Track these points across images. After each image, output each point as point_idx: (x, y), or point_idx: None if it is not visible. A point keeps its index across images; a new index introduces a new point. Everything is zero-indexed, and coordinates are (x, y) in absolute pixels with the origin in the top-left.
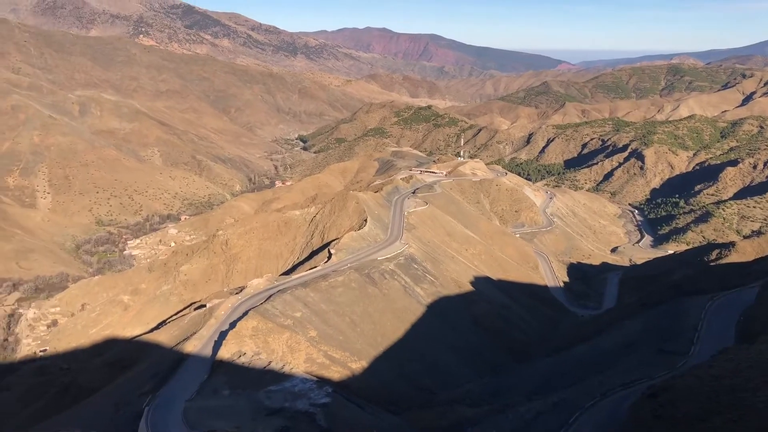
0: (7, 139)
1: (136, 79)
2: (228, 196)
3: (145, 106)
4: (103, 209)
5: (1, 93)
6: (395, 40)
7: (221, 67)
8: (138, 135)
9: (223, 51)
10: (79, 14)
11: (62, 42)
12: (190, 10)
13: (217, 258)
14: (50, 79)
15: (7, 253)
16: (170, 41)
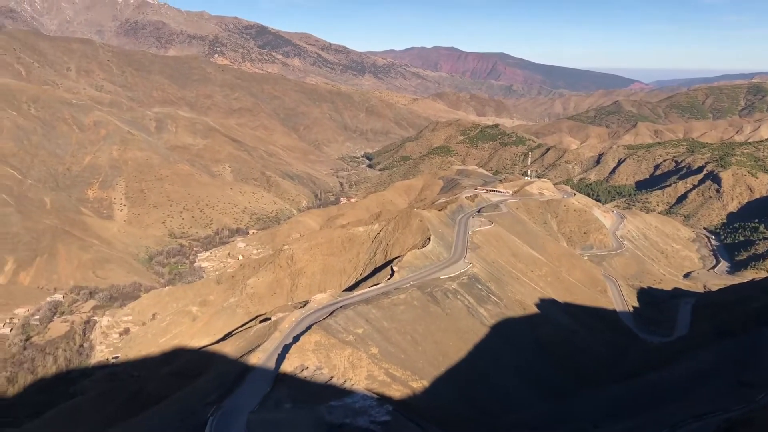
0: (89, 153)
1: (211, 96)
2: (295, 211)
3: (218, 123)
4: (175, 222)
5: (84, 109)
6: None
7: (291, 85)
8: (210, 151)
9: (293, 70)
10: (158, 35)
11: (142, 61)
12: (263, 31)
13: (283, 272)
14: (130, 97)
15: (86, 262)
16: (243, 61)
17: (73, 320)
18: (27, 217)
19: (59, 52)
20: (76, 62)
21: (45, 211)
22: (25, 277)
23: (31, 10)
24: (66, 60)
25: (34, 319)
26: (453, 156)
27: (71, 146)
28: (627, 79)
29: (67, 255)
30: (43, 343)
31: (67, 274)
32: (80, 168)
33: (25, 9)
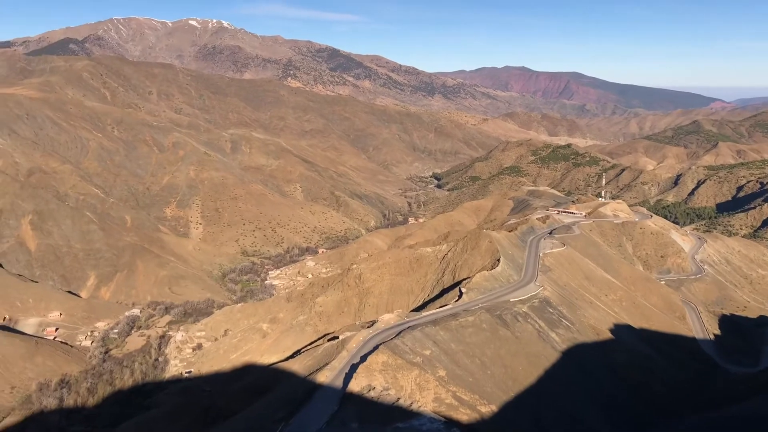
0: (168, 173)
1: (283, 118)
2: (363, 231)
3: (290, 144)
4: (248, 240)
5: (164, 131)
6: (534, 78)
7: (361, 107)
8: (283, 171)
9: (363, 92)
10: (235, 59)
11: (219, 84)
12: (335, 54)
13: (351, 291)
14: (207, 119)
15: (162, 278)
16: (315, 83)
17: (149, 335)
18: (109, 234)
19: (142, 77)
20: (158, 86)
21: (125, 228)
22: (105, 292)
23: (117, 37)
24: (148, 84)
25: (113, 332)
26: (524, 176)
27: (151, 166)
28: (707, 98)
29: (145, 271)
30: (121, 356)
31: (144, 290)
32: (159, 187)
33: (112, 36)
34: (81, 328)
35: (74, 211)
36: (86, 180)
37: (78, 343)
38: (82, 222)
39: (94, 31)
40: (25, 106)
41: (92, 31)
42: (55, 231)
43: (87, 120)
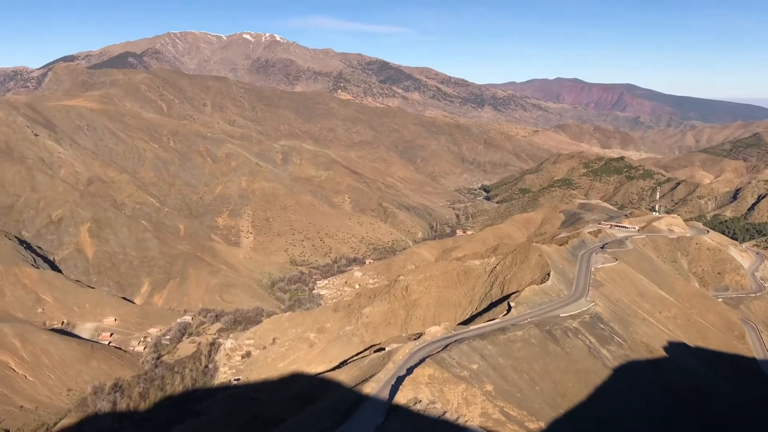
0: (221, 183)
1: (333, 130)
2: (410, 242)
3: (339, 156)
4: (297, 250)
5: (218, 142)
6: (586, 90)
7: (410, 119)
8: (332, 182)
9: (413, 103)
10: (287, 72)
11: (271, 97)
12: (385, 66)
13: (398, 303)
14: (259, 130)
15: (213, 286)
16: (365, 95)
17: (200, 341)
18: (163, 243)
19: (197, 89)
20: (212, 98)
21: (179, 237)
22: (159, 299)
23: (174, 51)
24: (203, 96)
25: (165, 338)
26: (575, 189)
27: (204, 176)
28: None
29: (197, 279)
30: (172, 362)
31: (196, 297)
32: (212, 197)
33: (169, 50)
34: (134, 333)
35: (130, 219)
36: (142, 189)
37: (131, 349)
38: (138, 230)
39: (152, 45)
40: (86, 117)
41: (150, 45)
42: (112, 238)
43: (144, 131)
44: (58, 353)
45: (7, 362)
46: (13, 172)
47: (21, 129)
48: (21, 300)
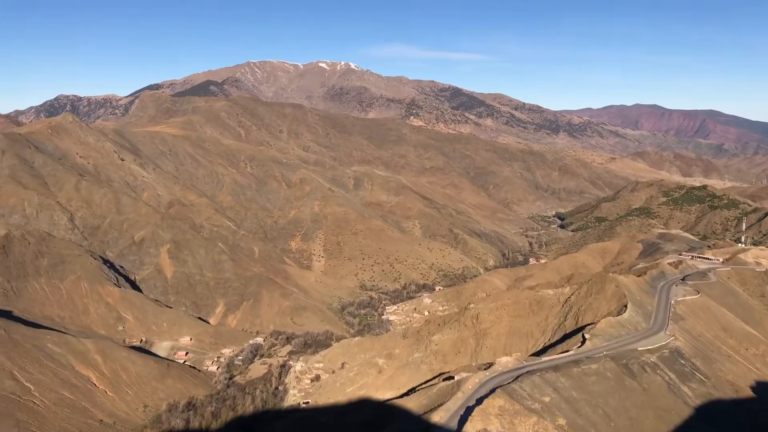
0: (294, 207)
1: (405, 156)
2: (481, 270)
3: (410, 181)
4: (367, 275)
5: (293, 168)
6: (666, 116)
7: (483, 145)
8: (402, 208)
9: (485, 130)
10: (360, 99)
11: (344, 123)
12: (457, 93)
13: (468, 331)
14: (332, 156)
15: (285, 309)
16: (437, 121)
17: (271, 363)
18: (238, 265)
19: (274, 116)
20: (288, 125)
21: (253, 259)
22: (232, 320)
23: (253, 80)
24: (279, 123)
25: (238, 359)
26: (654, 218)
27: (279, 201)
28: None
29: (269, 301)
30: (243, 383)
31: (268, 319)
32: (286, 221)
33: (248, 79)
34: (208, 353)
35: (208, 241)
36: (220, 212)
37: (205, 368)
38: (215, 252)
39: (233, 74)
40: (169, 142)
41: (231, 74)
42: (190, 260)
43: (223, 156)
44: (136, 370)
45: (89, 377)
46: (101, 194)
47: (109, 154)
48: (103, 317)
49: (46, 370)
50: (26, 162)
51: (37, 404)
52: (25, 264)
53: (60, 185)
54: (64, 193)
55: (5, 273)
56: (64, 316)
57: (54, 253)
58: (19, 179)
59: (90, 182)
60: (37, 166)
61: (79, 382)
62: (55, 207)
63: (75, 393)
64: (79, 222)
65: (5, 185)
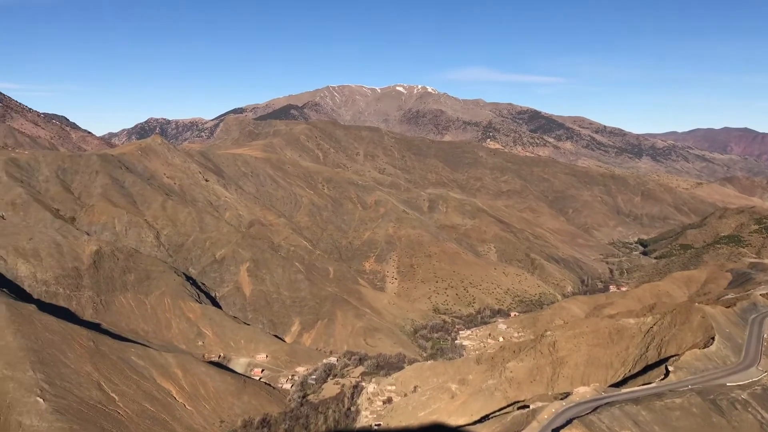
0: (369, 229)
1: (480, 179)
2: (558, 296)
3: (486, 205)
4: (440, 298)
5: (368, 190)
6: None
7: (561, 168)
8: (477, 231)
9: (564, 153)
10: (436, 122)
11: (420, 146)
12: (536, 115)
13: (544, 359)
14: (407, 179)
15: (358, 329)
16: (515, 144)
17: (343, 383)
18: (313, 284)
19: (351, 139)
20: (364, 147)
21: (328, 279)
22: (307, 338)
23: (332, 103)
24: (356, 146)
25: (311, 378)
26: (745, 247)
27: (354, 222)
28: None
29: (343, 321)
30: (316, 402)
31: (341, 339)
32: (360, 242)
33: (327, 103)
34: (283, 371)
35: (285, 260)
36: (297, 233)
37: (280, 385)
38: (291, 271)
39: (312, 98)
40: (251, 164)
41: (311, 98)
42: (268, 278)
43: (301, 178)
44: (214, 385)
45: (170, 390)
46: (185, 213)
47: (194, 174)
48: (185, 332)
49: (130, 382)
50: (117, 182)
51: (120, 414)
52: (113, 279)
53: (148, 204)
54: (152, 212)
55: (95, 287)
56: (148, 330)
57: (140, 268)
58: (111, 198)
59: (176, 201)
60: (127, 186)
61: (160, 394)
62: (142, 225)
63: (156, 405)
64: (165, 239)
65: (98, 203)
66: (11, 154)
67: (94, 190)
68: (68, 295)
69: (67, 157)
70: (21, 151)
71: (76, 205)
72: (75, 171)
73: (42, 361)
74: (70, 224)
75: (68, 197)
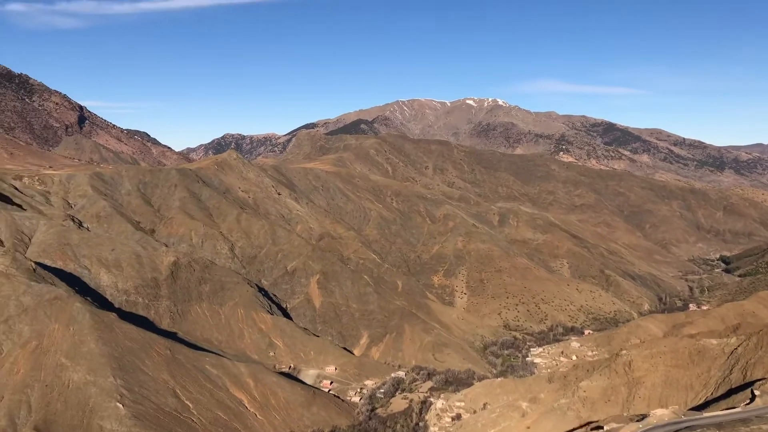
0: (437, 243)
1: (553, 193)
2: (635, 314)
3: (558, 219)
4: (511, 314)
5: (437, 203)
6: None
7: (638, 182)
8: (549, 246)
9: (641, 166)
10: (507, 135)
11: (490, 159)
12: (610, 128)
13: (619, 379)
14: (477, 192)
15: (426, 344)
16: (588, 157)
17: (411, 398)
18: (382, 297)
19: (420, 153)
20: (433, 161)
21: (396, 293)
22: (375, 352)
23: (401, 117)
24: (425, 159)
25: (380, 392)
26: None
27: (423, 236)
28: None
29: (411, 335)
30: (385, 416)
31: (410, 354)
32: (429, 256)
33: (397, 116)
34: (352, 384)
35: (354, 273)
36: (366, 246)
37: (348, 398)
38: (360, 284)
39: (382, 113)
40: (322, 178)
41: (380, 112)
42: (337, 291)
43: (370, 192)
44: (284, 395)
45: (242, 399)
46: (259, 226)
47: (267, 188)
48: (256, 343)
49: (204, 390)
50: (195, 195)
51: (194, 422)
52: (189, 289)
53: (223, 217)
54: (227, 224)
55: (173, 297)
56: (222, 339)
57: (215, 279)
58: (188, 211)
59: (249, 214)
60: (204, 199)
61: (232, 403)
62: (218, 237)
63: (228, 414)
64: (239, 251)
65: (176, 216)
66: (96, 169)
67: (172, 203)
68: (147, 304)
69: (148, 172)
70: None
71: (156, 218)
72: (155, 185)
73: (122, 368)
74: (149, 236)
75: (148, 210)
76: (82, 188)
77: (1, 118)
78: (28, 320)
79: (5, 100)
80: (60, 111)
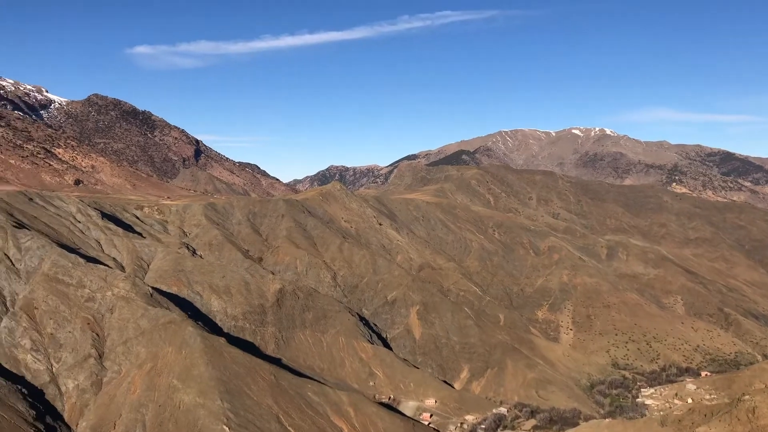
0: (541, 276)
1: (665, 225)
2: (759, 357)
3: (671, 253)
4: (620, 352)
5: (541, 235)
6: None
7: (761, 215)
8: (661, 281)
9: (763, 198)
10: (615, 165)
11: (597, 190)
12: (728, 157)
13: (741, 426)
14: (583, 224)
15: (530, 381)
16: (704, 188)
17: None
18: (483, 331)
19: (523, 183)
20: (537, 192)
21: (498, 326)
22: (476, 387)
23: (504, 148)
24: (528, 190)
25: (481, 427)
26: None
27: (526, 269)
28: None
29: (513, 371)
30: None
31: (512, 390)
32: (532, 289)
33: (499, 147)
34: (452, 418)
35: (454, 305)
36: (467, 277)
37: None
38: (461, 316)
39: (484, 143)
40: (422, 209)
41: (482, 143)
42: (437, 322)
43: (471, 223)
44: (384, 426)
45: (342, 428)
46: (360, 256)
47: (369, 219)
48: (357, 372)
49: (305, 417)
50: (300, 225)
51: None
52: (294, 316)
53: (326, 246)
54: (330, 254)
55: (278, 323)
56: (324, 367)
57: (318, 307)
58: (294, 240)
59: (351, 244)
60: (309, 229)
61: (333, 431)
62: (321, 266)
63: None
64: (341, 280)
65: (283, 245)
66: (210, 200)
67: (279, 232)
68: (253, 330)
69: (257, 202)
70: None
71: (264, 246)
72: (263, 215)
73: (229, 391)
74: (257, 264)
75: (257, 239)
76: (196, 218)
77: (127, 152)
78: (144, 342)
79: (130, 135)
80: (178, 145)
